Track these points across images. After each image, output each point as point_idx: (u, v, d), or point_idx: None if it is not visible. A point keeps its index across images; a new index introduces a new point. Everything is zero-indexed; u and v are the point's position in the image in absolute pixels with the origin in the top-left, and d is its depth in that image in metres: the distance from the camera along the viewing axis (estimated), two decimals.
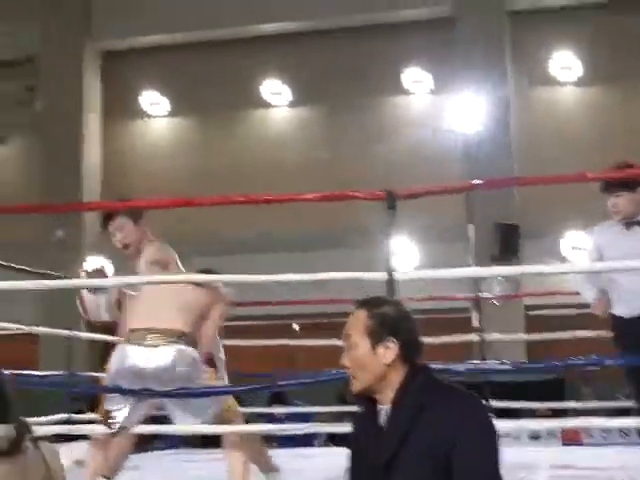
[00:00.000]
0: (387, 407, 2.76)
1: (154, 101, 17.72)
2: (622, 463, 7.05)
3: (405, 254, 14.05)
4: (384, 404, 2.78)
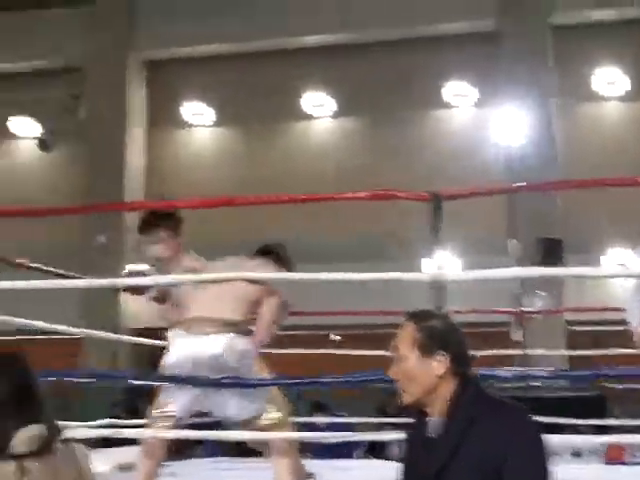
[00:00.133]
0: (437, 419, 2.77)
1: (197, 111, 17.82)
2: None
3: (446, 266, 13.95)
4: (434, 416, 2.78)
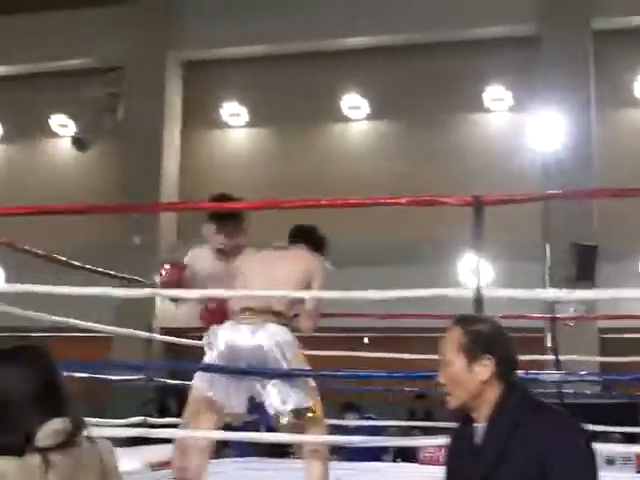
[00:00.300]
0: (483, 424, 2.77)
1: (234, 111, 17.86)
2: None
3: (482, 272, 13.88)
4: (480, 421, 2.79)
